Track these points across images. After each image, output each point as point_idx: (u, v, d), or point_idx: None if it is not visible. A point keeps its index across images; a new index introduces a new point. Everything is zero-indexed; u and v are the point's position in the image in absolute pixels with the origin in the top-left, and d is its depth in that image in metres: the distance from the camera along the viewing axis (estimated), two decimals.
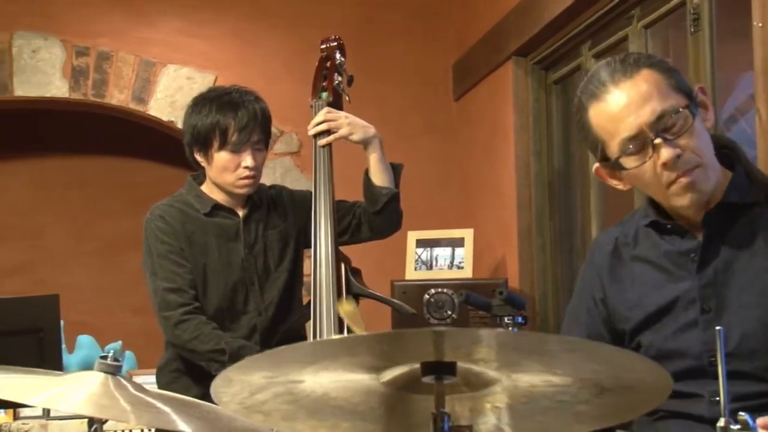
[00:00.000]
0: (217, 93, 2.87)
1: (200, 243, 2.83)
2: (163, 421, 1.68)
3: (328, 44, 3.09)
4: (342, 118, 2.88)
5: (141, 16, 4.93)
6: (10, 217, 5.51)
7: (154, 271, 2.80)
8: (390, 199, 2.89)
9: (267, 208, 2.94)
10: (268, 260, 2.88)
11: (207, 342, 2.69)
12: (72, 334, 4.55)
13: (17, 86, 4.78)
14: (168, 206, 2.88)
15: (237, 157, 2.80)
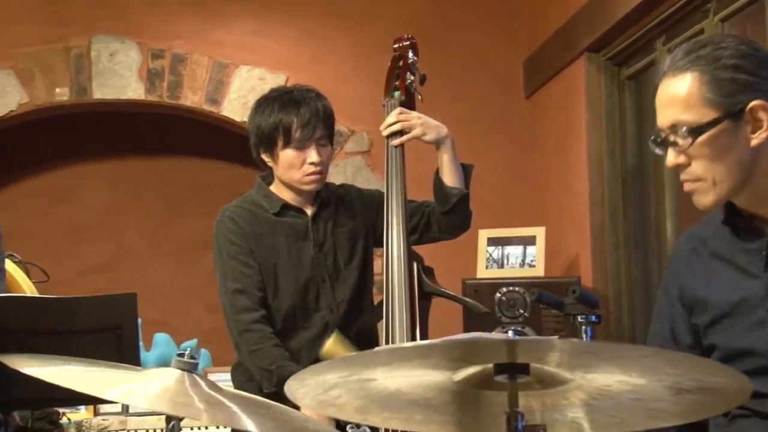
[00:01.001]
0: (279, 93, 2.91)
1: (269, 243, 2.85)
2: (235, 421, 1.69)
3: (401, 43, 3.09)
4: (415, 118, 2.88)
5: (215, 17, 4.99)
6: (90, 217, 5.63)
7: (224, 272, 2.85)
8: (460, 199, 2.88)
9: (336, 206, 2.95)
10: (338, 258, 2.90)
11: (263, 359, 2.72)
12: (149, 331, 4.63)
13: (95, 89, 4.88)
14: (237, 207, 2.92)
15: (302, 153, 2.82)
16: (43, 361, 1.81)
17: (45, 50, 4.83)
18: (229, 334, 2.83)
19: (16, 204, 5.22)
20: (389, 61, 3.08)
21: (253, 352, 2.74)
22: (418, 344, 1.65)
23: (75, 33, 4.86)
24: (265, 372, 2.71)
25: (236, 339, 2.79)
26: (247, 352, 2.75)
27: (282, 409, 1.77)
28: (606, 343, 1.37)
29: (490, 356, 1.41)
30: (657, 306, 2.13)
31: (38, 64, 4.82)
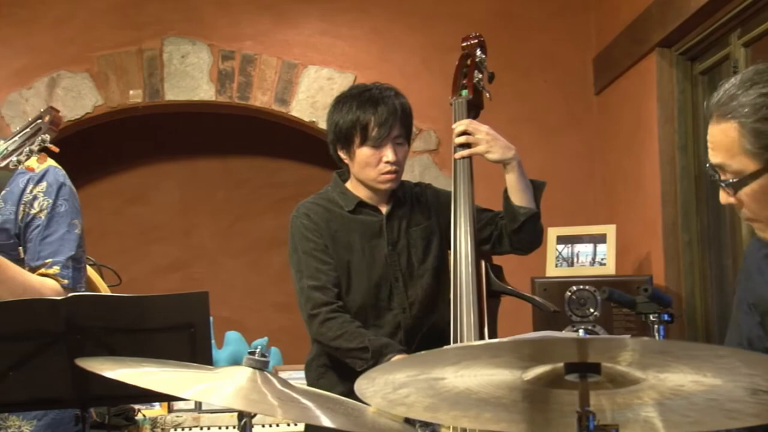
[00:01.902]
0: (358, 90, 2.91)
1: (344, 240, 2.87)
2: (308, 416, 1.71)
3: (469, 41, 3.07)
4: (483, 133, 2.84)
5: (284, 18, 5.04)
6: (163, 216, 5.72)
7: (299, 268, 2.86)
8: (528, 218, 2.85)
9: (411, 205, 2.95)
10: (412, 257, 2.89)
11: (351, 340, 2.72)
12: (220, 329, 4.70)
13: (168, 91, 4.97)
14: (313, 204, 2.93)
15: (378, 152, 2.82)
16: (120, 363, 1.85)
17: (119, 53, 4.92)
18: (308, 329, 2.83)
19: (91, 204, 5.33)
20: (457, 59, 3.07)
21: (339, 337, 2.74)
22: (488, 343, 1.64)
23: (148, 36, 4.95)
24: (357, 351, 2.71)
25: (316, 331, 2.79)
26: (332, 338, 2.75)
27: (354, 405, 1.78)
28: (679, 343, 1.34)
29: (561, 355, 1.40)
30: (732, 315, 2.10)
31: (113, 67, 4.92)
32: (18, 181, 2.40)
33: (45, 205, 2.44)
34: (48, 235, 2.42)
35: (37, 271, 2.40)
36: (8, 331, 2.09)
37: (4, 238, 2.41)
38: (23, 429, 2.45)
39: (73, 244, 2.45)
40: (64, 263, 2.42)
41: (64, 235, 2.44)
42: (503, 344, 1.37)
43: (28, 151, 2.05)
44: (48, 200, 2.44)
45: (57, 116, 2.07)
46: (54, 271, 2.41)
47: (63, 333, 2.08)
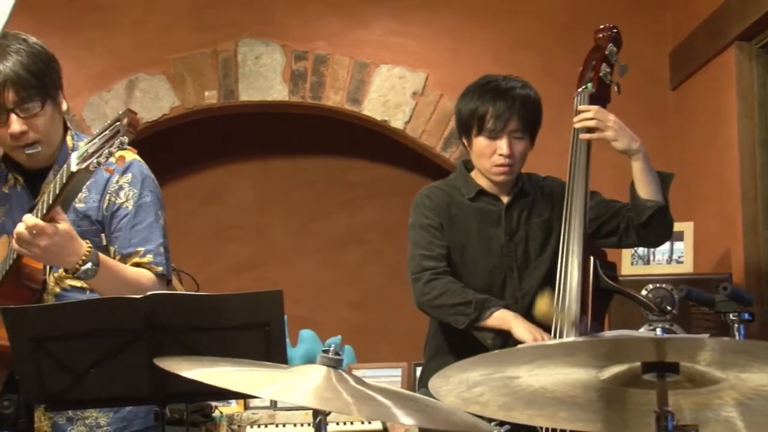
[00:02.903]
0: (485, 80, 2.94)
1: (462, 226, 2.90)
2: (383, 413, 1.71)
3: (602, 34, 3.04)
4: (611, 120, 2.82)
5: (356, 18, 5.05)
6: (237, 216, 5.79)
7: (414, 240, 2.91)
8: (656, 211, 2.81)
9: (534, 197, 2.95)
10: (529, 249, 2.89)
11: (454, 296, 2.76)
12: (294, 328, 4.73)
13: (242, 92, 5.02)
14: (435, 188, 2.99)
15: (493, 143, 2.85)
16: (197, 362, 1.87)
17: (195, 55, 4.99)
18: (414, 297, 2.86)
19: (168, 205, 5.40)
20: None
21: (442, 294, 2.78)
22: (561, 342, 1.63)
23: (222, 38, 5.01)
24: (460, 305, 2.75)
25: (420, 292, 2.82)
26: (435, 297, 2.79)
27: (428, 401, 1.77)
28: (760, 343, 1.31)
29: (638, 355, 1.38)
30: None
31: (188, 69, 5.00)
32: (102, 171, 2.46)
33: (131, 195, 2.50)
34: (137, 224, 2.48)
35: (130, 259, 2.46)
36: (90, 329, 2.13)
37: (86, 224, 2.48)
38: (100, 420, 2.51)
39: (160, 232, 2.52)
40: (156, 250, 2.48)
41: (152, 223, 2.50)
42: (577, 344, 1.36)
43: (107, 152, 2.10)
44: (134, 190, 2.50)
45: (134, 118, 2.12)
46: (148, 260, 2.46)
47: (142, 331, 2.11)
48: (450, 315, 2.78)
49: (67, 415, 2.48)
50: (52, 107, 2.44)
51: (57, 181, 2.21)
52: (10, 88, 2.34)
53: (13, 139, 2.41)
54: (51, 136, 2.47)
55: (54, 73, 2.46)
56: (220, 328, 2.17)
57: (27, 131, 2.40)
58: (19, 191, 2.55)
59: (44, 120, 2.42)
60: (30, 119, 2.39)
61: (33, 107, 2.39)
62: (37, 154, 2.44)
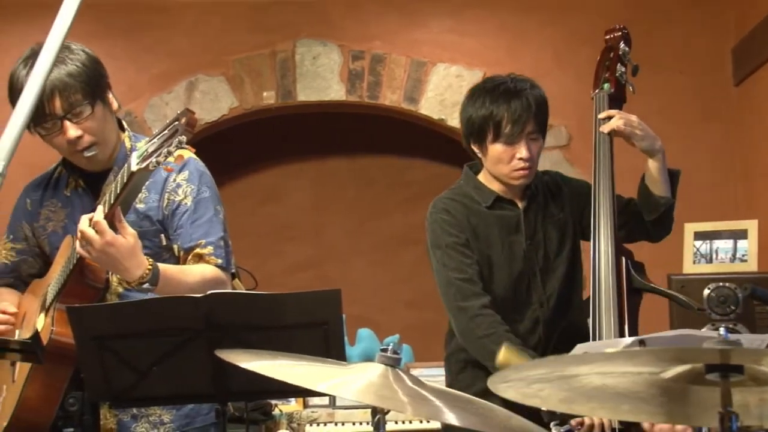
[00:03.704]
0: (493, 83, 2.85)
1: (484, 236, 2.84)
2: (439, 415, 1.70)
3: (613, 34, 3.01)
4: (636, 121, 2.79)
5: (412, 17, 5.05)
6: (295, 216, 5.83)
7: (444, 262, 2.82)
8: (668, 209, 2.80)
9: (544, 196, 2.91)
10: (548, 250, 2.85)
11: (497, 343, 2.65)
12: (352, 327, 4.75)
13: (300, 92, 5.05)
14: (450, 200, 2.91)
15: (511, 148, 2.78)
16: (257, 355, 1.89)
17: (253, 56, 5.04)
18: (453, 322, 2.81)
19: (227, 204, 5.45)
20: (593, 52, 3.01)
21: (486, 336, 2.70)
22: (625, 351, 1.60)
23: (280, 39, 5.05)
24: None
25: (464, 325, 2.76)
26: (479, 337, 2.72)
27: (484, 404, 1.77)
28: None
29: (702, 357, 1.36)
30: None
31: (247, 70, 5.04)
32: (161, 171, 2.49)
33: (189, 191, 2.52)
34: (197, 219, 2.51)
35: (193, 251, 2.49)
36: (151, 328, 2.16)
37: (147, 224, 2.50)
38: (163, 417, 2.54)
39: (220, 226, 2.54)
40: (216, 243, 2.51)
41: (211, 218, 2.53)
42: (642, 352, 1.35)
43: (165, 152, 2.12)
44: (191, 186, 2.53)
45: (192, 118, 2.13)
46: (208, 251, 2.49)
47: (203, 329, 2.14)
48: (488, 361, 2.70)
49: (132, 412, 2.52)
50: (102, 108, 2.47)
51: (118, 180, 2.24)
52: (58, 96, 2.37)
53: (70, 144, 2.44)
54: (106, 136, 2.50)
55: (98, 74, 2.48)
56: (279, 327, 2.18)
57: (82, 135, 2.43)
58: (80, 194, 2.58)
59: (96, 121, 2.45)
60: (83, 123, 2.42)
61: (83, 111, 2.42)
62: (96, 156, 2.48)
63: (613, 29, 3.02)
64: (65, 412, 2.30)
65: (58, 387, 2.33)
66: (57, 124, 2.41)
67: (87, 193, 2.57)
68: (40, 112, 2.35)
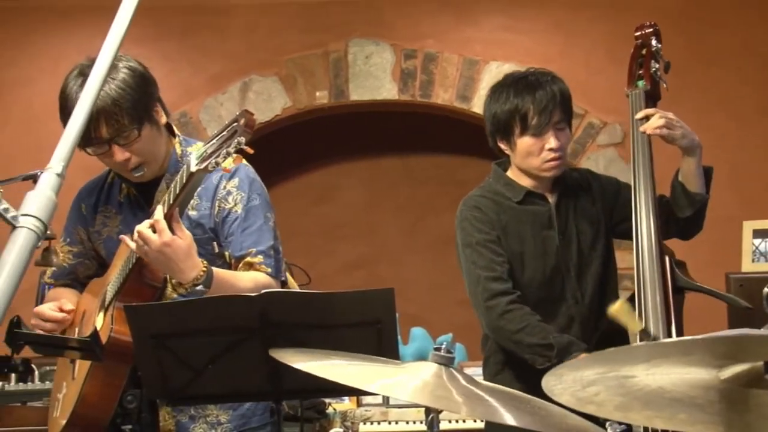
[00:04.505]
0: (514, 78, 2.85)
1: (515, 232, 2.82)
2: (493, 414, 1.70)
3: (643, 31, 2.98)
4: (675, 119, 2.76)
5: (465, 16, 5.04)
6: (348, 215, 5.84)
7: (473, 260, 2.83)
8: (702, 206, 2.77)
9: (575, 192, 2.89)
10: (582, 245, 2.83)
11: (534, 335, 2.67)
12: (405, 325, 4.75)
13: (352, 91, 5.07)
14: (480, 197, 2.91)
15: (540, 140, 2.77)
16: (311, 355, 1.90)
17: (306, 56, 5.07)
18: (483, 321, 2.80)
19: (280, 204, 5.49)
20: None
21: (520, 330, 2.69)
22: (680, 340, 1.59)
23: (333, 38, 5.07)
24: (539, 347, 2.66)
25: (494, 323, 2.75)
26: (513, 331, 2.70)
27: (540, 403, 1.75)
28: None
29: (760, 353, 1.33)
30: None
31: (300, 70, 5.07)
32: (211, 179, 2.51)
33: (239, 198, 2.53)
34: (247, 227, 2.52)
35: (243, 260, 2.51)
36: (207, 326, 2.18)
37: (199, 233, 2.52)
38: (220, 418, 2.57)
39: (271, 234, 2.55)
40: (266, 252, 2.51)
41: (261, 226, 2.53)
42: (696, 341, 1.32)
43: (224, 153, 2.13)
44: (242, 194, 2.54)
45: (251, 119, 2.14)
46: (258, 260, 2.50)
47: (257, 328, 2.15)
48: (527, 353, 2.69)
49: (190, 413, 2.55)
50: (150, 128, 2.46)
51: (177, 181, 2.25)
52: (104, 122, 2.37)
53: (118, 166, 2.47)
54: (155, 153, 2.51)
55: (145, 94, 2.44)
56: (332, 325, 2.19)
57: (130, 157, 2.43)
58: (132, 201, 2.61)
59: (144, 143, 2.44)
60: (130, 146, 2.43)
61: (130, 135, 2.41)
62: (144, 175, 2.49)
63: (643, 26, 2.98)
64: (123, 410, 2.33)
65: (116, 384, 2.37)
66: (104, 147, 2.42)
67: (139, 200, 2.59)
68: (87, 135, 2.35)
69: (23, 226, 1.22)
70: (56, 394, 2.62)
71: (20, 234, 1.21)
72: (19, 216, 1.23)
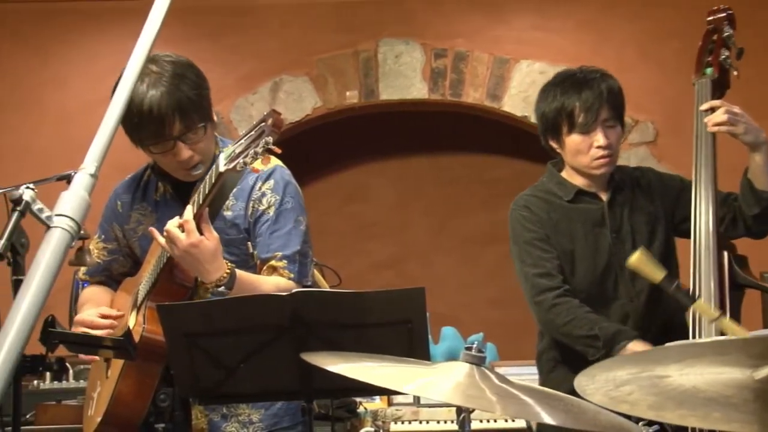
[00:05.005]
0: (562, 77, 2.85)
1: (566, 230, 2.82)
2: (527, 412, 1.69)
3: (716, 15, 2.90)
4: (740, 114, 2.72)
5: (496, 14, 5.03)
6: (378, 214, 5.85)
7: (522, 258, 2.83)
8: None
9: (632, 190, 2.87)
10: (637, 244, 2.79)
11: (581, 327, 2.68)
12: (436, 325, 4.74)
13: (382, 90, 5.08)
14: (531, 196, 2.90)
15: (588, 137, 2.76)
16: (343, 357, 1.90)
17: (336, 56, 5.08)
18: (535, 317, 2.81)
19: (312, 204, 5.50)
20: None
21: (568, 323, 2.70)
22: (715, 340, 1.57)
23: (363, 38, 5.08)
24: (586, 338, 2.67)
25: (544, 318, 2.76)
26: (561, 324, 2.71)
27: (573, 401, 1.75)
28: None
29: None
30: None
31: (330, 70, 5.08)
32: (247, 180, 2.52)
33: (273, 201, 2.54)
34: (276, 230, 2.53)
35: (268, 263, 2.52)
36: (238, 326, 2.19)
37: (234, 232, 2.54)
38: (252, 417, 2.58)
39: (299, 239, 2.55)
40: (290, 257, 2.52)
41: (290, 230, 2.54)
42: (731, 342, 1.31)
43: (253, 153, 2.14)
44: (276, 197, 2.55)
45: (279, 119, 2.15)
46: (282, 264, 2.51)
47: (288, 327, 2.16)
48: (578, 345, 2.70)
49: (222, 412, 2.56)
50: (210, 127, 2.51)
51: (206, 181, 2.27)
52: (177, 118, 2.40)
53: (180, 164, 2.49)
54: (211, 152, 2.53)
55: (208, 93, 2.51)
56: (363, 325, 2.19)
57: (193, 155, 2.46)
58: (168, 200, 2.63)
59: (206, 142, 2.48)
60: (195, 143, 2.46)
61: (198, 133, 2.45)
62: (200, 174, 2.51)
63: (716, 10, 2.90)
64: (156, 408, 2.34)
65: (149, 383, 2.38)
66: (170, 144, 2.44)
67: (175, 199, 2.61)
68: (159, 132, 2.39)
69: (57, 226, 1.23)
70: (91, 392, 2.65)
71: (54, 234, 1.23)
72: (54, 216, 1.24)
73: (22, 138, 5.08)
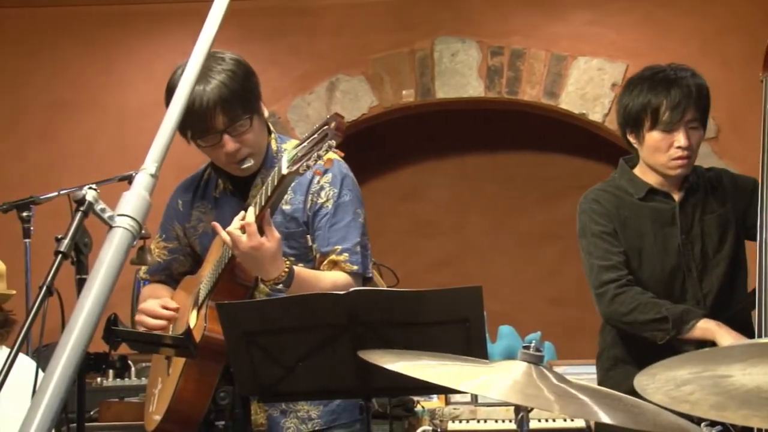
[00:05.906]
0: (652, 71, 2.80)
1: (635, 228, 2.79)
2: (586, 412, 1.68)
3: None
4: None
5: (551, 11, 5.00)
6: (435, 212, 5.85)
7: (588, 250, 2.81)
8: None
9: (705, 191, 2.82)
10: (706, 246, 2.76)
11: (647, 312, 2.65)
12: (493, 323, 4.73)
13: (438, 89, 5.07)
14: (601, 191, 2.88)
15: (669, 136, 2.72)
16: (400, 356, 1.90)
17: (392, 55, 5.09)
18: (598, 309, 2.78)
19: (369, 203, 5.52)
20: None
21: (633, 310, 2.67)
22: None
23: (419, 37, 5.08)
24: (653, 322, 2.64)
25: (607, 309, 2.73)
26: (625, 312, 2.69)
27: (633, 401, 1.73)
28: None
29: None
30: None
31: (386, 69, 5.09)
32: (306, 173, 2.54)
33: (331, 194, 2.56)
34: (335, 223, 2.55)
35: (328, 257, 2.53)
36: (297, 324, 2.21)
37: (293, 226, 2.56)
38: (311, 413, 2.59)
39: (358, 231, 2.57)
40: (352, 249, 2.53)
41: (349, 222, 2.56)
42: None
43: (315, 156, 2.16)
44: (334, 190, 2.57)
45: (341, 122, 2.16)
46: (343, 258, 2.52)
47: (346, 326, 2.17)
48: (645, 331, 2.66)
49: (281, 407, 2.58)
50: (258, 119, 2.53)
51: (268, 183, 2.29)
52: (220, 111, 2.43)
53: (228, 156, 2.52)
54: (261, 145, 2.56)
55: (254, 86, 2.53)
56: (420, 323, 2.19)
57: (240, 148, 2.49)
58: (228, 196, 2.66)
59: (253, 133, 2.51)
60: (241, 136, 2.49)
61: (243, 125, 2.48)
62: (251, 167, 2.54)
63: None
64: (217, 406, 2.37)
65: (209, 381, 2.41)
66: (217, 137, 2.48)
67: (235, 195, 2.64)
68: (203, 126, 2.44)
69: (119, 226, 1.25)
70: (152, 389, 2.69)
71: (116, 233, 1.25)
72: (116, 216, 1.26)
73: (85, 139, 5.18)
